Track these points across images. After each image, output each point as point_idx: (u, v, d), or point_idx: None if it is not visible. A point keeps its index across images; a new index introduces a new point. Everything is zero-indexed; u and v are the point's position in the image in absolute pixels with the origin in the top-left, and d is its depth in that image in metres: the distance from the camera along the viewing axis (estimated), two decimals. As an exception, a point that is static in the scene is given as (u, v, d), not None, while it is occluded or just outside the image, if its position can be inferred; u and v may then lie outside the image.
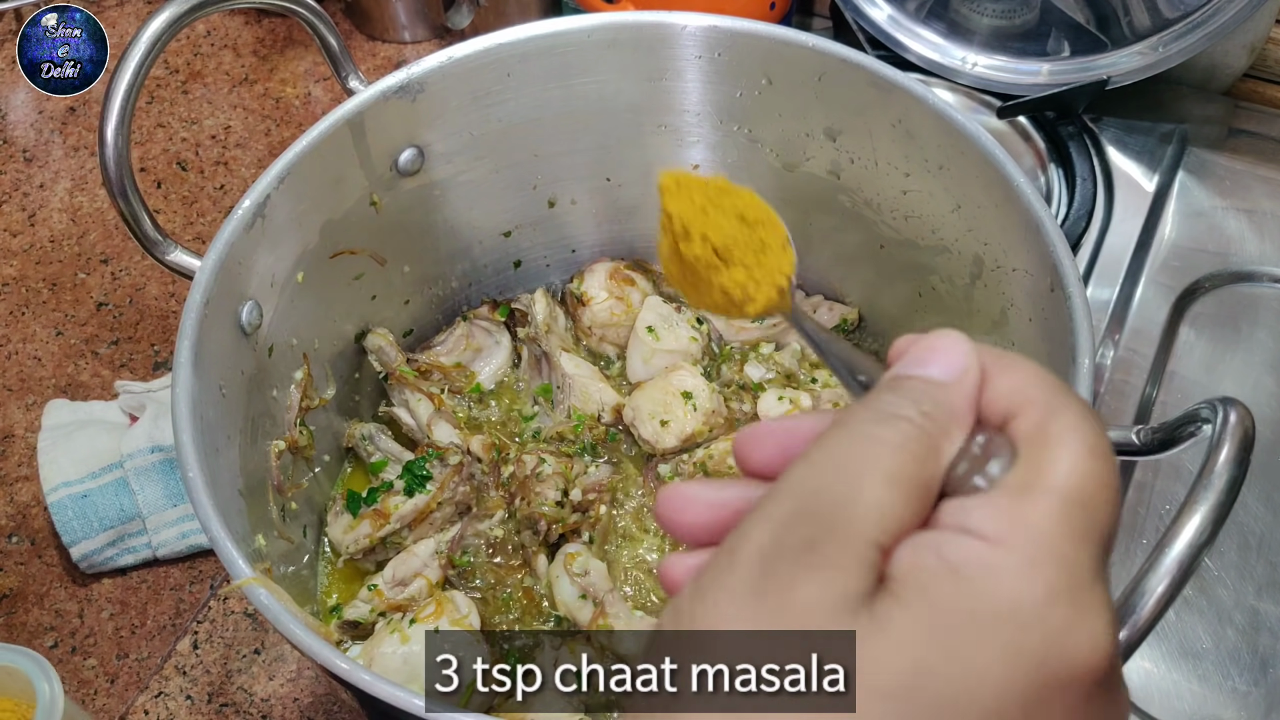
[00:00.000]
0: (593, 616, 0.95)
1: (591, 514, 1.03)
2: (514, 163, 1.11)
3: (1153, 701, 1.02)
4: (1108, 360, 1.23)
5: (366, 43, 1.66)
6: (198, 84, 1.62)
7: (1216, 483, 0.64)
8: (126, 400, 1.22)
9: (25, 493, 1.22)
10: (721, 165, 1.13)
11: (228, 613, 1.12)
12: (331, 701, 1.06)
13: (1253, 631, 1.06)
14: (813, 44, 1.00)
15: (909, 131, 0.99)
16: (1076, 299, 0.83)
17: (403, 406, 1.11)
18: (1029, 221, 0.89)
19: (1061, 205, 1.35)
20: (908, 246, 1.07)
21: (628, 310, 1.16)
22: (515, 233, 1.17)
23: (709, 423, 1.06)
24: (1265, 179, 1.38)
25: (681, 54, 1.05)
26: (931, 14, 1.45)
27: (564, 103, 1.07)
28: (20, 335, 1.35)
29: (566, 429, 1.10)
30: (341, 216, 1.02)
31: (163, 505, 1.14)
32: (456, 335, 1.17)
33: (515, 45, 1.02)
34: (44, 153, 1.54)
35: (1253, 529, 1.11)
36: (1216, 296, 1.29)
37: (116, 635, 1.12)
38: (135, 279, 1.39)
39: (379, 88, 0.99)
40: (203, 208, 1.47)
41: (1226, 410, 0.68)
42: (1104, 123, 1.42)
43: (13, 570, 1.16)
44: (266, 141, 1.54)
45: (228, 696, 1.07)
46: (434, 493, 1.02)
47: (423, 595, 0.98)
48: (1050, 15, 1.41)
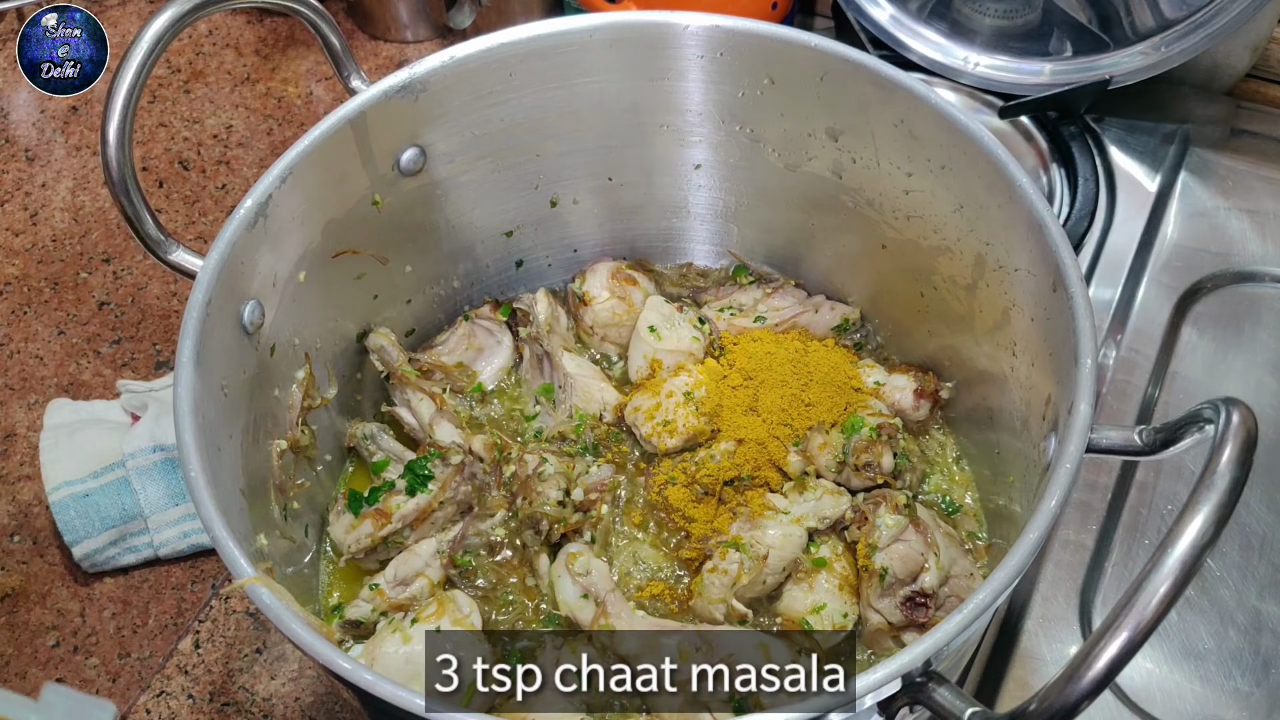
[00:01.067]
0: (594, 616, 0.95)
1: (593, 514, 1.03)
2: (516, 162, 1.11)
3: (1155, 702, 1.02)
4: (1110, 360, 1.23)
5: (369, 42, 1.66)
6: (200, 83, 1.62)
7: (1219, 483, 0.64)
8: (128, 399, 1.23)
9: (27, 492, 1.22)
10: (723, 165, 1.13)
11: (229, 612, 1.12)
12: (333, 701, 1.06)
13: (1255, 632, 1.06)
14: (815, 44, 1.00)
15: (911, 131, 0.99)
16: (1079, 299, 0.83)
17: (404, 406, 1.11)
18: (1031, 221, 0.89)
19: (1063, 205, 1.35)
20: (909, 246, 1.07)
21: (629, 310, 1.16)
22: (517, 232, 1.18)
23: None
24: (1267, 179, 1.38)
25: (683, 54, 1.05)
26: (933, 14, 1.45)
27: (566, 102, 1.07)
28: (22, 334, 1.35)
29: (568, 429, 1.10)
30: (343, 216, 1.02)
31: (164, 504, 1.14)
32: (458, 335, 1.17)
33: (517, 45, 1.02)
34: (46, 152, 1.54)
35: (1255, 529, 1.11)
36: (1219, 297, 1.29)
37: (118, 634, 1.12)
38: (137, 278, 1.39)
39: (381, 87, 0.99)
40: (205, 207, 1.47)
41: (1229, 411, 0.68)
42: (1106, 123, 1.42)
43: (15, 569, 1.17)
44: (268, 141, 1.54)
45: (229, 695, 1.07)
46: (436, 492, 1.02)
47: (424, 595, 0.98)
48: (1052, 15, 1.41)
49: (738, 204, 1.17)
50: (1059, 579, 1.08)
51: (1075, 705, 0.61)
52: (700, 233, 1.21)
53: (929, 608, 0.94)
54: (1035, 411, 0.91)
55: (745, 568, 0.96)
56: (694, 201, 1.18)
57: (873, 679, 0.68)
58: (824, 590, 0.97)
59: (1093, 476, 1.14)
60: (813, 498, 1.01)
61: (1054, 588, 1.08)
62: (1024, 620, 1.06)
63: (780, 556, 0.97)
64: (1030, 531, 0.74)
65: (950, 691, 0.69)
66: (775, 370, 1.08)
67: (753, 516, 1.00)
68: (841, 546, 1.00)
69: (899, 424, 1.05)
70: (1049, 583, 1.08)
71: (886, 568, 0.94)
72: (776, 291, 1.17)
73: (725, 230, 1.20)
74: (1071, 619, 1.06)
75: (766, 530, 0.98)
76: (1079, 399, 0.79)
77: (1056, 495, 0.75)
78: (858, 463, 1.02)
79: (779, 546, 0.98)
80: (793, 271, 1.20)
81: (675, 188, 1.17)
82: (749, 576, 0.96)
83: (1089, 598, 1.08)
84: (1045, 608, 1.07)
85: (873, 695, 0.69)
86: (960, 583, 0.96)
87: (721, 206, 1.18)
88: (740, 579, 0.96)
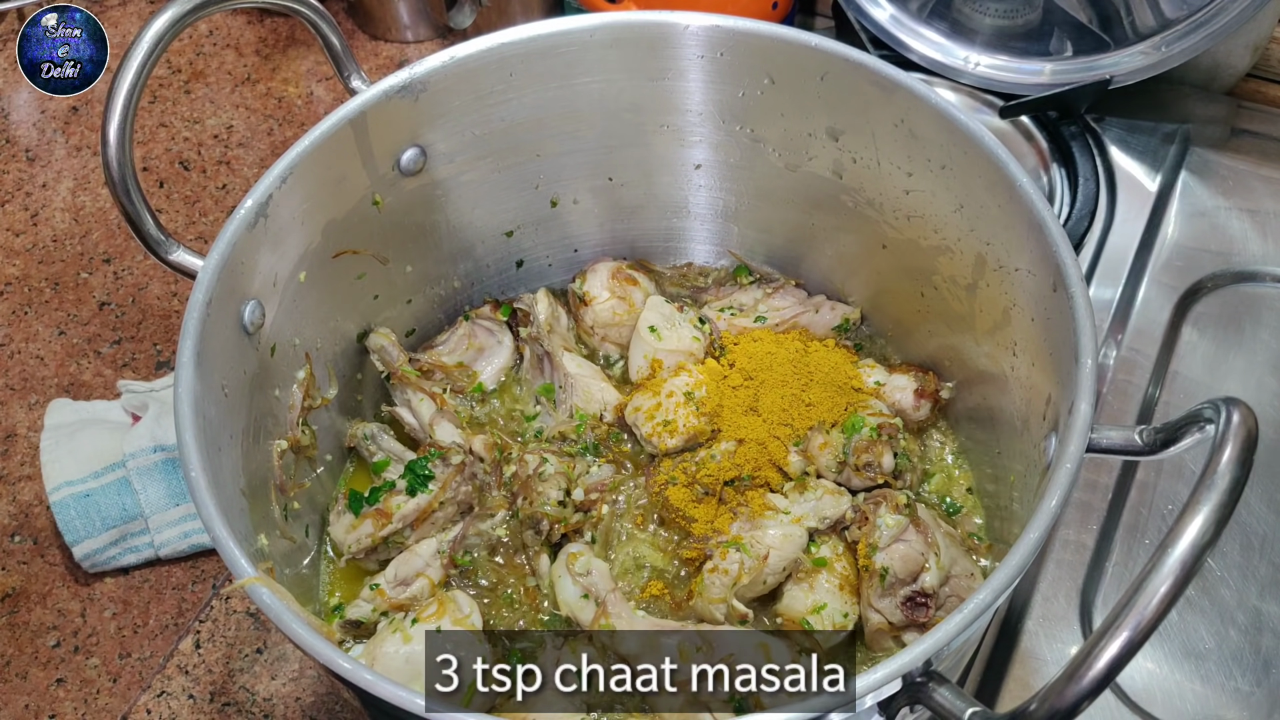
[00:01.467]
0: (595, 616, 0.95)
1: (594, 514, 1.03)
2: (516, 162, 1.11)
3: (1155, 702, 1.02)
4: (1110, 360, 1.23)
5: (369, 42, 1.66)
6: (200, 83, 1.62)
7: (1219, 483, 0.64)
8: (129, 400, 1.23)
9: (28, 492, 1.22)
10: (724, 165, 1.13)
11: (230, 612, 1.12)
12: (334, 701, 1.06)
13: (1255, 632, 1.06)
14: (815, 44, 1.00)
15: (911, 131, 0.99)
16: (1079, 299, 0.83)
17: (405, 406, 1.11)
18: (1031, 221, 0.89)
19: (1064, 205, 1.35)
20: (910, 246, 1.07)
21: (630, 310, 1.16)
22: (517, 232, 1.17)
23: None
24: (1268, 179, 1.38)
25: (684, 54, 1.05)
26: (934, 14, 1.45)
27: (566, 102, 1.07)
28: (23, 335, 1.35)
29: (569, 429, 1.10)
30: (344, 216, 1.02)
31: (165, 505, 1.14)
32: (459, 335, 1.17)
33: (518, 45, 1.02)
34: (47, 152, 1.54)
35: (1256, 529, 1.11)
36: (1219, 296, 1.29)
37: (119, 634, 1.12)
38: (138, 278, 1.39)
39: (381, 87, 0.99)
40: (205, 207, 1.47)
41: (1229, 410, 0.68)
42: (1106, 122, 1.42)
43: (15, 569, 1.17)
44: (269, 141, 1.54)
45: (230, 695, 1.07)
46: (436, 492, 1.02)
47: (425, 595, 0.98)
48: (1053, 15, 1.41)
49: (738, 204, 1.17)
50: (1059, 579, 1.08)
51: (1076, 705, 0.61)
52: (701, 233, 1.21)
53: (929, 607, 0.94)
54: (1036, 411, 0.91)
55: (746, 568, 0.96)
56: (694, 201, 1.18)
57: (873, 679, 0.68)
58: (824, 590, 0.97)
59: (1093, 476, 1.14)
60: (813, 498, 1.01)
61: (1054, 587, 1.08)
62: (1024, 620, 1.06)
63: (781, 556, 0.97)
64: (1031, 531, 0.74)
65: (951, 691, 0.69)
66: (776, 370, 1.08)
67: (753, 516, 1.00)
68: (842, 546, 1.00)
69: (899, 424, 1.05)
70: (1049, 582, 1.08)
71: (887, 568, 0.94)
72: (777, 291, 1.17)
73: (726, 230, 1.20)
74: (1072, 619, 1.06)
75: (767, 530, 0.98)
76: (1079, 399, 0.79)
77: (1057, 495, 0.75)
78: (858, 463, 1.02)
79: (779, 546, 0.98)
80: (793, 271, 1.20)
81: (675, 187, 1.17)
82: (749, 576, 0.96)
83: (1089, 597, 1.08)
84: (1046, 607, 1.07)
85: (873, 695, 0.69)
86: (961, 582, 0.96)
87: (722, 206, 1.18)
88: (741, 579, 0.96)
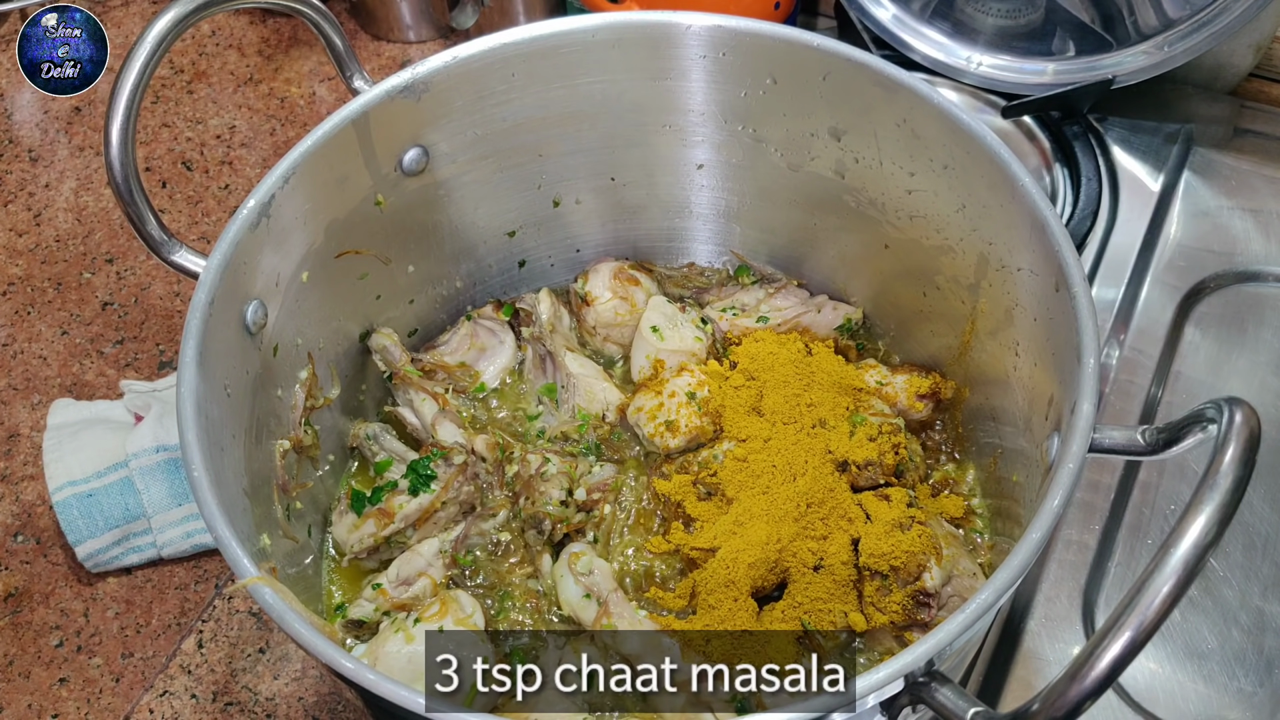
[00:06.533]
0: (596, 616, 0.95)
1: (596, 513, 1.03)
2: (518, 162, 1.11)
3: (1158, 702, 1.02)
4: (1113, 360, 1.23)
5: (371, 42, 1.66)
6: (203, 84, 1.62)
7: (1222, 483, 0.64)
8: (131, 400, 1.23)
9: (31, 492, 1.22)
10: (726, 165, 1.13)
11: (232, 612, 1.12)
12: (336, 700, 1.06)
13: (1258, 632, 1.05)
14: (817, 44, 1.00)
15: (914, 131, 0.99)
16: (1081, 299, 0.83)
17: (407, 406, 1.11)
18: (1034, 221, 0.89)
19: (1066, 205, 1.35)
20: (912, 246, 1.06)
21: (632, 310, 1.16)
22: (520, 232, 1.18)
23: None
24: (1271, 179, 1.38)
25: (686, 54, 1.05)
26: (936, 13, 1.45)
27: (568, 102, 1.07)
28: (26, 335, 1.35)
29: (571, 429, 1.10)
30: (346, 216, 1.02)
31: (168, 504, 1.14)
32: (461, 335, 1.17)
33: (520, 45, 1.02)
34: (49, 152, 1.54)
35: (1258, 529, 1.11)
36: (1222, 296, 1.29)
37: (122, 634, 1.12)
38: (140, 278, 1.40)
39: (384, 87, 0.99)
40: (208, 207, 1.47)
41: (1232, 410, 0.68)
42: (1109, 122, 1.42)
43: (18, 569, 1.17)
44: (271, 141, 1.54)
45: (232, 695, 1.07)
46: (438, 492, 1.02)
47: (427, 594, 0.98)
48: (1055, 15, 1.41)
49: (740, 204, 1.17)
50: (1062, 579, 1.08)
51: (1078, 705, 0.61)
52: (703, 233, 1.21)
53: (931, 607, 0.94)
54: (1038, 411, 0.91)
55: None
56: (696, 201, 1.18)
57: (875, 679, 0.68)
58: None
59: (1096, 476, 1.14)
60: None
61: (1057, 587, 1.08)
62: (1027, 620, 1.06)
63: (783, 556, 0.97)
64: (1033, 531, 0.74)
65: (953, 691, 0.69)
66: (778, 370, 1.08)
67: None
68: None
69: (901, 424, 1.05)
70: (1052, 582, 1.08)
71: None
72: (779, 291, 1.17)
73: (728, 230, 1.20)
74: (1074, 619, 1.06)
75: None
76: (1082, 399, 0.79)
77: (1059, 495, 0.75)
78: (859, 462, 1.02)
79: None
80: (795, 271, 1.20)
81: (678, 188, 1.17)
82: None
83: (1092, 598, 1.08)
84: (1048, 608, 1.07)
85: (875, 695, 0.69)
86: (963, 582, 0.96)
87: (724, 206, 1.18)
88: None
